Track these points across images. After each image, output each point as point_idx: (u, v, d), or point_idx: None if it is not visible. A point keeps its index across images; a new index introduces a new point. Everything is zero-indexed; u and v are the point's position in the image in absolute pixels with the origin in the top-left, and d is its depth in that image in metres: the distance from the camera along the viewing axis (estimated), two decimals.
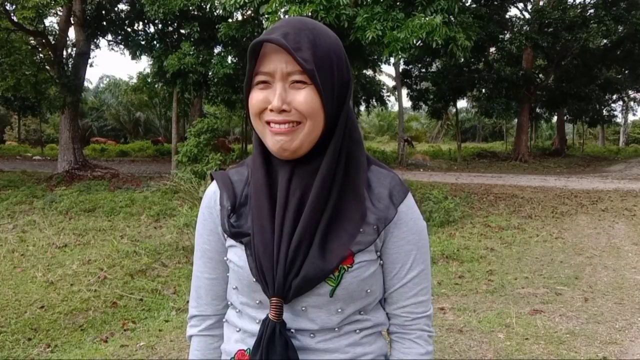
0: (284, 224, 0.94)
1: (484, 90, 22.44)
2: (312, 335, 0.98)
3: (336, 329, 0.98)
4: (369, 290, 0.98)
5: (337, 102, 0.95)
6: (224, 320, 1.10)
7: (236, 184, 1.04)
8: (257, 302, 0.99)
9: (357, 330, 1.00)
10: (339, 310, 0.97)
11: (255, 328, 0.99)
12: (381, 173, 1.02)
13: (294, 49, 0.88)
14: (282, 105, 0.91)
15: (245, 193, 1.03)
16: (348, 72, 0.98)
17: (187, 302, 4.97)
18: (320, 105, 0.92)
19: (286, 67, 0.90)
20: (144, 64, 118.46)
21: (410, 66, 23.38)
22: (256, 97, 0.94)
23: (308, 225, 0.93)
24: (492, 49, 22.47)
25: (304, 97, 0.91)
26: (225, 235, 1.02)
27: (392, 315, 1.05)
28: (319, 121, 0.93)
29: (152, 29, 16.11)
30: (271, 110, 0.92)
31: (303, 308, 0.97)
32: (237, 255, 1.00)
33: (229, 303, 1.08)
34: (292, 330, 0.97)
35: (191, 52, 12.62)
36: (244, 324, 1.03)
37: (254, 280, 0.96)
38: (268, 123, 0.93)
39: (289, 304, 0.96)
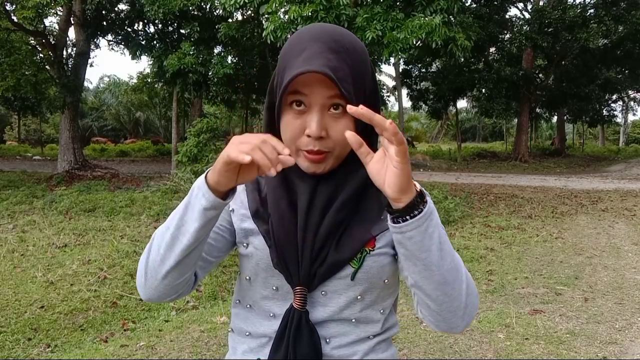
0: (309, 216, 0.93)
1: (484, 90, 22.43)
2: (327, 341, 0.97)
3: (353, 322, 0.98)
4: (386, 281, 0.98)
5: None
6: (228, 330, 1.07)
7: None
8: (274, 288, 0.98)
9: (371, 336, 1.00)
10: (359, 297, 0.97)
11: (268, 326, 0.99)
12: None
13: (339, 79, 0.85)
14: (321, 133, 0.89)
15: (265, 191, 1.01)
16: (375, 84, 0.96)
17: (187, 302, 4.96)
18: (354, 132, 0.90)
19: (327, 94, 0.88)
20: (144, 64, 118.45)
21: (410, 66, 23.38)
22: (292, 124, 0.91)
23: (334, 220, 0.93)
24: (492, 49, 22.49)
25: (343, 128, 0.89)
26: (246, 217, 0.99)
27: None
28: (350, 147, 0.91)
29: (152, 29, 16.13)
30: (308, 136, 0.90)
31: (323, 292, 0.96)
32: (257, 239, 0.98)
33: (236, 301, 1.06)
34: (311, 323, 0.96)
35: (191, 52, 12.61)
36: (254, 325, 1.01)
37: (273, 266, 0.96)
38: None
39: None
